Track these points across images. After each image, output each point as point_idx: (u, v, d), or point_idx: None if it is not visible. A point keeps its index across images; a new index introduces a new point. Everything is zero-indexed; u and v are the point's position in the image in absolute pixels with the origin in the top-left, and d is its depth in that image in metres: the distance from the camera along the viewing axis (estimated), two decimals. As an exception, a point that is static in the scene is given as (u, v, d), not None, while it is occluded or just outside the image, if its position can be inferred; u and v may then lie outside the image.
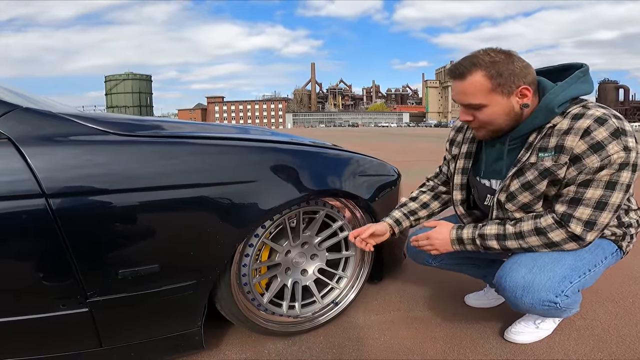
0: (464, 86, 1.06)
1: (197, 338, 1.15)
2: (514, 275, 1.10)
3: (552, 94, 1.06)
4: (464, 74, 1.05)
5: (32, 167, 0.85)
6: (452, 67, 1.10)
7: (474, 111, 1.09)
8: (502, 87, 1.03)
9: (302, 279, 1.40)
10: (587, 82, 1.10)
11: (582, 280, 1.12)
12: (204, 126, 1.34)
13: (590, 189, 1.03)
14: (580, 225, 1.05)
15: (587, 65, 1.11)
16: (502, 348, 1.28)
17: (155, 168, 0.99)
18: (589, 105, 1.06)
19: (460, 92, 1.08)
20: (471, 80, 1.04)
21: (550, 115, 1.06)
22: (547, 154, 1.06)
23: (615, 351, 1.25)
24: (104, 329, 1.00)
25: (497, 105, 1.06)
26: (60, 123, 0.95)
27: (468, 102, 1.07)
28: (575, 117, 1.04)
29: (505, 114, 1.07)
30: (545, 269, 1.08)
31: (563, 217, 1.06)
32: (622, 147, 0.99)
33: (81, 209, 0.90)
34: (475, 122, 1.11)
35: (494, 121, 1.09)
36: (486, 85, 1.03)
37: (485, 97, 1.05)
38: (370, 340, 1.34)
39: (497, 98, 1.05)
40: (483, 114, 1.08)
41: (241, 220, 1.10)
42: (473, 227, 1.19)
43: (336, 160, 1.39)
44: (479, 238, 1.16)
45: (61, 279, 0.93)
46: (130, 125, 1.05)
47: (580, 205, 1.04)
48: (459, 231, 1.20)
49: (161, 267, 1.00)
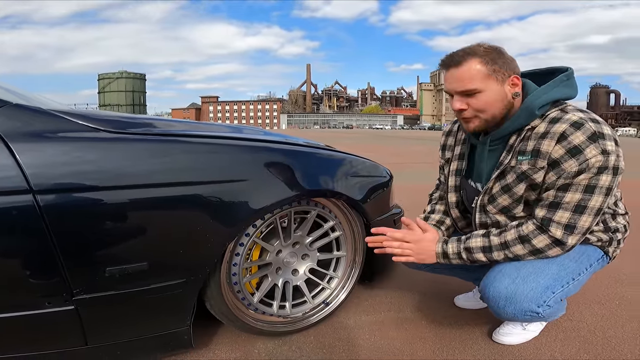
0: (460, 72, 1.06)
1: (186, 337, 1.14)
2: (497, 285, 1.11)
3: (533, 96, 1.07)
4: (460, 61, 1.06)
5: (21, 163, 0.84)
6: (446, 57, 1.10)
7: (468, 99, 1.08)
8: (497, 74, 1.06)
9: (293, 278, 1.40)
10: (571, 87, 1.11)
11: (565, 290, 1.13)
12: (196, 125, 1.34)
13: (569, 193, 1.03)
14: (560, 229, 1.06)
15: (572, 69, 1.12)
16: (490, 349, 1.29)
17: (145, 166, 0.98)
18: (567, 109, 1.07)
19: (456, 79, 1.07)
20: (468, 66, 1.05)
21: (531, 117, 1.07)
22: (524, 157, 1.07)
23: (601, 352, 1.26)
24: (90, 327, 0.99)
25: (492, 91, 1.06)
26: (50, 120, 0.94)
27: (464, 88, 1.07)
28: (553, 120, 1.05)
29: (500, 100, 1.08)
30: (528, 279, 1.09)
31: (543, 221, 1.07)
32: (599, 150, 0.99)
33: (69, 206, 0.90)
34: (469, 111, 1.10)
35: (489, 108, 1.08)
36: (482, 71, 1.05)
37: (481, 82, 1.05)
38: (361, 341, 1.35)
39: (492, 84, 1.06)
40: (478, 100, 1.07)
41: (232, 219, 1.09)
42: (457, 240, 1.18)
43: (329, 160, 1.40)
44: (465, 252, 1.16)
45: (47, 276, 0.92)
46: (121, 123, 1.04)
47: (559, 209, 1.05)
48: (444, 245, 1.19)
49: (150, 265, 1.00)
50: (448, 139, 1.38)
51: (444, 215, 1.39)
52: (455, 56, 1.08)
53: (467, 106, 1.09)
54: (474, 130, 1.15)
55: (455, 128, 1.36)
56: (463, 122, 1.16)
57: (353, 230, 1.47)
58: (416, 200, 1.51)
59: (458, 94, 1.09)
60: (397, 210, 1.68)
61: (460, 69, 1.06)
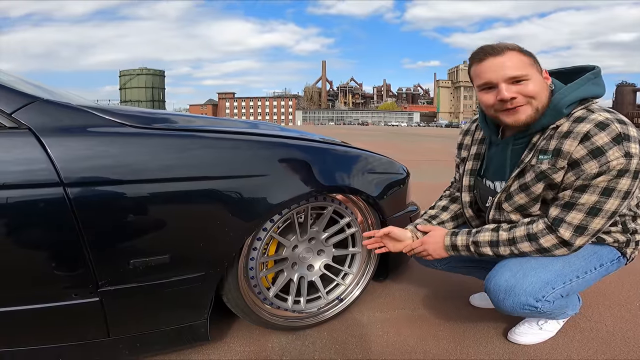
0: (505, 60, 1.03)
1: (203, 330, 1.17)
2: (498, 278, 1.12)
3: (560, 94, 1.05)
4: (501, 51, 1.04)
5: (52, 156, 0.87)
6: (483, 47, 1.07)
7: (517, 86, 1.04)
8: (536, 65, 1.07)
9: (308, 274, 1.42)
10: (598, 85, 1.08)
11: (568, 287, 1.12)
12: (216, 120, 1.36)
13: (585, 194, 1.01)
14: (569, 230, 1.05)
15: (599, 67, 1.09)
16: (504, 349, 1.28)
17: (169, 160, 1.01)
18: (593, 108, 1.04)
19: (501, 67, 1.03)
20: (510, 54, 1.04)
21: (558, 116, 1.05)
22: (545, 156, 1.05)
23: (619, 355, 1.24)
24: (113, 319, 1.01)
25: (537, 80, 1.05)
26: (78, 115, 0.97)
27: (512, 74, 1.03)
28: (577, 120, 1.02)
29: (545, 89, 1.07)
30: (530, 273, 1.09)
31: (554, 221, 1.06)
32: (623, 153, 0.96)
33: (97, 199, 0.93)
34: (521, 98, 1.04)
35: (538, 94, 1.05)
36: (525, 60, 1.05)
37: (527, 69, 1.04)
38: (374, 338, 1.36)
39: (535, 72, 1.05)
40: (528, 86, 1.04)
41: (251, 213, 1.12)
42: (467, 233, 1.19)
43: (345, 157, 1.41)
44: (473, 245, 1.17)
45: (75, 267, 0.94)
46: (145, 118, 1.08)
47: (572, 210, 1.04)
48: (452, 238, 1.20)
49: (171, 258, 1.02)
50: (465, 138, 1.37)
51: (441, 211, 1.41)
52: (493, 47, 1.05)
53: (516, 94, 1.04)
54: (524, 121, 1.07)
55: (473, 127, 1.34)
56: (510, 115, 1.07)
57: (369, 226, 1.48)
58: (434, 199, 1.50)
59: (506, 81, 1.03)
60: (413, 207, 1.67)
61: (504, 57, 1.03)
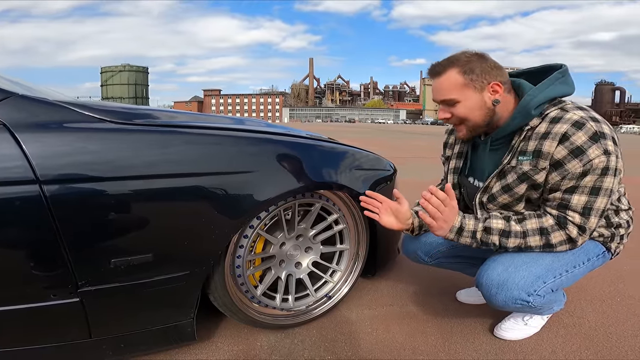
0: (439, 83, 1.12)
1: (190, 330, 1.15)
2: (490, 272, 1.13)
3: (529, 96, 1.08)
4: (440, 72, 1.11)
5: (27, 153, 0.84)
6: (431, 66, 1.15)
7: (450, 108, 1.13)
8: (475, 83, 1.09)
9: (296, 271, 1.41)
10: (567, 84, 1.11)
11: (557, 281, 1.14)
12: (200, 116, 1.33)
13: (575, 195, 1.05)
14: (575, 229, 1.07)
15: (566, 65, 1.12)
16: (491, 344, 1.29)
17: (151, 157, 0.98)
18: (566, 107, 1.07)
19: (436, 89, 1.14)
20: (446, 76, 1.10)
21: (528, 117, 1.09)
22: (525, 157, 1.09)
23: (602, 349, 1.27)
24: (95, 319, 0.99)
25: (469, 100, 1.10)
26: (56, 110, 0.93)
27: (443, 97, 1.12)
28: (553, 120, 1.05)
29: (478, 108, 1.11)
30: (521, 268, 1.10)
31: (559, 219, 1.08)
32: (602, 150, 1.00)
33: (75, 197, 0.89)
34: (454, 119, 1.15)
35: (469, 116, 1.12)
36: (459, 81, 1.09)
37: (458, 92, 1.10)
38: (363, 335, 1.35)
39: (470, 93, 1.10)
40: (458, 109, 1.12)
41: (236, 211, 1.10)
42: (475, 219, 1.13)
43: (332, 153, 1.39)
44: (483, 231, 1.11)
45: (53, 267, 0.91)
46: (126, 114, 1.04)
47: (568, 210, 1.06)
48: (463, 220, 1.13)
49: (154, 257, 1.00)
50: (450, 137, 1.42)
51: None
52: (437, 66, 1.13)
53: (450, 115, 1.14)
54: (463, 138, 1.20)
55: None
56: (455, 131, 1.23)
57: (357, 223, 1.47)
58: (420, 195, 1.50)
59: (439, 103, 1.15)
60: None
61: (439, 80, 1.12)
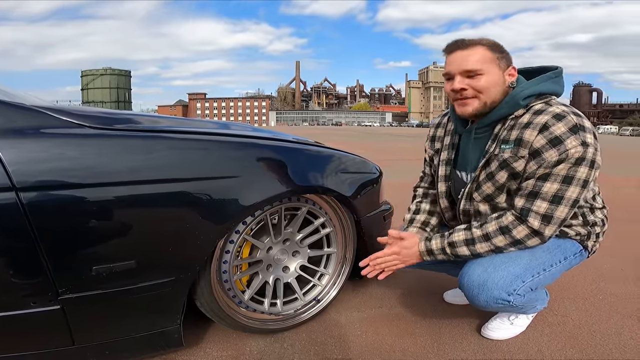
0: (467, 53, 1.12)
1: (177, 336, 1.13)
2: (471, 274, 1.15)
3: (520, 88, 1.13)
4: (469, 45, 1.13)
5: (3, 160, 0.81)
6: (453, 42, 1.16)
7: (470, 80, 1.12)
8: (500, 61, 1.12)
9: (284, 275, 1.40)
10: (557, 84, 1.16)
11: (536, 280, 1.16)
12: (184, 121, 1.32)
13: (547, 183, 1.07)
14: (538, 219, 1.08)
15: (561, 68, 1.18)
16: (479, 344, 1.30)
17: (132, 162, 0.96)
18: (551, 102, 1.12)
19: (462, 59, 1.12)
20: (475, 49, 1.12)
21: (515, 107, 1.12)
22: (507, 146, 1.12)
23: (586, 348, 1.29)
24: (77, 326, 0.96)
25: (492, 75, 1.12)
26: (33, 116, 0.91)
27: (469, 67, 1.11)
28: (537, 112, 1.09)
29: (499, 85, 1.13)
30: (500, 268, 1.12)
31: (522, 211, 1.10)
32: (580, 142, 1.03)
33: (53, 204, 0.87)
34: (469, 91, 1.13)
35: (488, 90, 1.12)
36: (488, 56, 1.11)
37: (485, 64, 1.11)
38: (352, 337, 1.35)
39: (494, 69, 1.12)
40: (479, 81, 1.12)
41: (222, 216, 1.08)
42: (440, 236, 1.20)
43: (318, 157, 1.39)
44: (449, 247, 1.17)
45: (31, 275, 0.89)
46: (106, 119, 1.02)
47: (537, 199, 1.08)
48: (427, 243, 1.21)
49: (138, 263, 0.98)
50: (437, 130, 1.41)
51: (429, 216, 1.41)
52: (464, 40, 1.14)
53: (467, 87, 1.13)
54: (471, 113, 1.15)
55: (445, 120, 1.38)
56: (459, 106, 1.16)
57: (343, 226, 1.47)
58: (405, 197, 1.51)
59: (461, 73, 1.12)
60: (386, 206, 1.68)
61: (468, 51, 1.12)
